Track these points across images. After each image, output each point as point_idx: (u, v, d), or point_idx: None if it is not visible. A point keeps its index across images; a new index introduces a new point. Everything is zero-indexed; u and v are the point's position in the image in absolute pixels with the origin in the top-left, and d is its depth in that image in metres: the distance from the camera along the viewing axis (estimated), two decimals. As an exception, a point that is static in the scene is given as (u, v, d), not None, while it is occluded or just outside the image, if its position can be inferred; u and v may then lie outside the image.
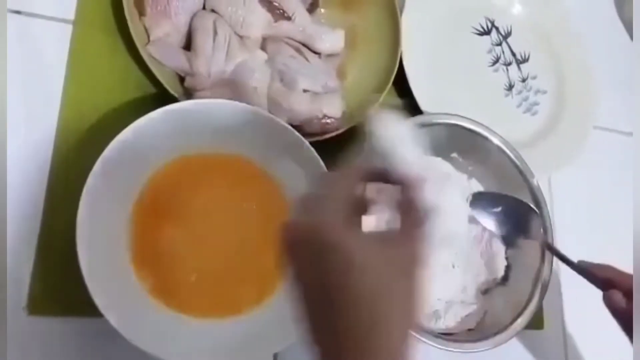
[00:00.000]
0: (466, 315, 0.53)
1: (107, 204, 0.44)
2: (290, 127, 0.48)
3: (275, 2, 0.54)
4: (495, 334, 0.49)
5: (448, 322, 0.52)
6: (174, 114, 0.45)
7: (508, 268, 0.55)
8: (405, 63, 0.57)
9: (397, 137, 0.34)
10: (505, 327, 0.49)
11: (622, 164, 0.71)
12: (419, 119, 0.52)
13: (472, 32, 0.67)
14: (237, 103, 0.47)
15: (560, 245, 0.54)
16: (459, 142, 0.55)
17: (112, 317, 0.40)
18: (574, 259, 0.58)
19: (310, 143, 0.48)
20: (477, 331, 0.52)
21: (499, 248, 0.56)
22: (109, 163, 0.43)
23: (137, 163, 0.46)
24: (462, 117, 0.54)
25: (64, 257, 0.42)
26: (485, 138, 0.54)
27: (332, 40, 0.57)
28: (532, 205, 0.54)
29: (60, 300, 0.44)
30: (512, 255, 0.56)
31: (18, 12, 0.49)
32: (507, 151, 0.55)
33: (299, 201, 0.33)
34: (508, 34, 0.69)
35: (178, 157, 0.48)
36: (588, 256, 0.63)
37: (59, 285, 0.44)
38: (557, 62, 0.70)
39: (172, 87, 0.48)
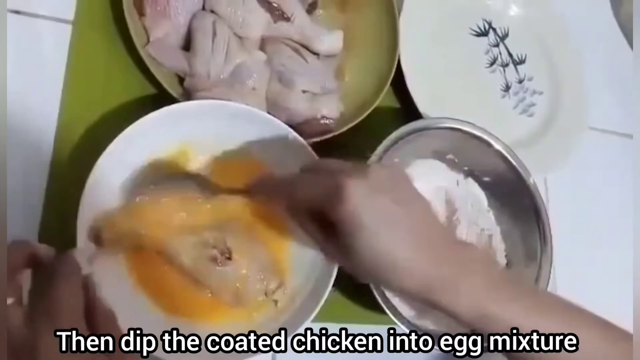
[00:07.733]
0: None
1: (107, 204, 0.44)
2: (288, 127, 0.48)
3: (275, 3, 0.54)
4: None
5: (446, 322, 0.52)
6: (174, 115, 0.45)
7: (507, 266, 0.56)
8: (403, 64, 0.58)
9: None
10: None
11: (617, 164, 0.71)
12: (414, 124, 0.52)
13: (470, 34, 0.68)
14: (236, 104, 0.47)
15: (557, 244, 0.54)
16: (455, 144, 0.56)
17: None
18: (571, 258, 0.58)
19: (309, 144, 0.48)
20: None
21: (499, 246, 0.56)
22: (109, 163, 0.43)
23: (136, 163, 0.46)
24: (457, 120, 0.54)
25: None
26: (482, 139, 0.55)
27: (330, 41, 0.57)
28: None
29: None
30: (511, 253, 0.56)
31: (18, 12, 0.49)
32: (504, 152, 0.55)
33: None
34: (505, 36, 0.69)
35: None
36: (585, 256, 0.64)
37: (59, 285, 0.44)
38: (553, 64, 0.70)
39: (171, 88, 0.49)
